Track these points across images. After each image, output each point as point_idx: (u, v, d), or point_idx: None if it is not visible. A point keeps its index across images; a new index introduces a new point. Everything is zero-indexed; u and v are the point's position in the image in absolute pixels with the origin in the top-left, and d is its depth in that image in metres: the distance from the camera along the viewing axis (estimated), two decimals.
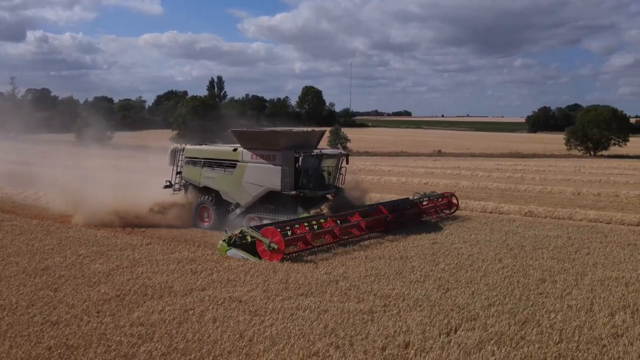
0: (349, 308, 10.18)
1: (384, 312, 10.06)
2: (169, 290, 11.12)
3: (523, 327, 9.36)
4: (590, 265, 13.69)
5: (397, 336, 8.85)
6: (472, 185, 32.68)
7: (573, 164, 50.90)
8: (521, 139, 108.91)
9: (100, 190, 20.24)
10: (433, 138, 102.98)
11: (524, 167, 47.53)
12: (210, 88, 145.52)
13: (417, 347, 8.44)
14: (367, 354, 8.21)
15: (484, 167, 46.31)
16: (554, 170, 44.60)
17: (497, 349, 8.40)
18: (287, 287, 11.49)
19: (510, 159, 61.27)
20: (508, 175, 39.23)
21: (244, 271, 12.64)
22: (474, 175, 39.20)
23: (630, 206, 25.65)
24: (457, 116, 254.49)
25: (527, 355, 8.21)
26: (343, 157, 18.92)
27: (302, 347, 8.35)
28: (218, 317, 9.59)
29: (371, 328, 9.21)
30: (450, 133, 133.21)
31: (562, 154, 70.49)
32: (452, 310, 10.15)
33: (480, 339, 8.78)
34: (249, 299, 10.68)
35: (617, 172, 42.90)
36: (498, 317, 9.80)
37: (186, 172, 19.87)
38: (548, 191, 30.70)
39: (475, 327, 9.29)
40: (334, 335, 8.89)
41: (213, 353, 8.11)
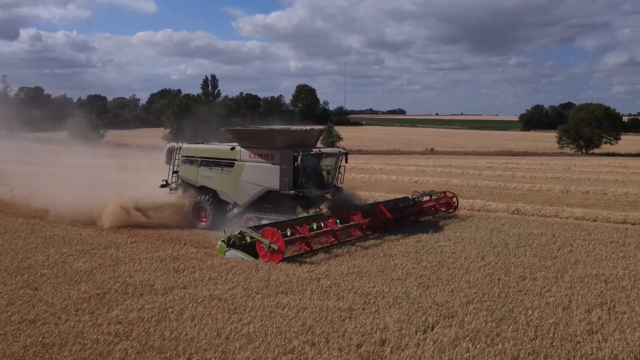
0: (328, 306, 10.22)
1: (362, 309, 10.10)
2: (150, 289, 11.14)
3: (500, 324, 9.42)
4: (572, 262, 13.78)
5: (374, 333, 8.89)
6: (461, 184, 32.78)
7: (564, 162, 51.10)
8: (514, 137, 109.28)
9: (71, 189, 20.39)
10: (426, 136, 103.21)
11: (515, 165, 47.72)
12: (204, 86, 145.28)
13: (393, 344, 8.49)
14: (342, 351, 8.25)
15: (475, 165, 46.48)
16: (545, 168, 44.77)
17: (472, 346, 8.45)
18: (268, 285, 11.52)
19: (502, 157, 61.48)
20: (499, 174, 39.40)
21: (226, 269, 12.66)
22: (465, 174, 39.32)
23: (617, 204, 25.81)
24: (451, 114, 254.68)
25: (501, 352, 8.27)
26: (342, 155, 18.64)
27: (278, 345, 8.39)
28: (197, 315, 9.62)
29: (348, 325, 9.25)
30: (444, 131, 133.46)
31: (554, 152, 70.82)
32: (431, 307, 10.20)
33: (456, 335, 8.84)
34: (229, 297, 10.71)
35: (607, 170, 43.13)
36: (476, 314, 9.86)
37: (183, 171, 19.65)
38: (537, 189, 30.87)
39: (452, 324, 9.34)
40: (310, 332, 8.93)
41: (189, 351, 8.13)
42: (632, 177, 36.77)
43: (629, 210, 23.17)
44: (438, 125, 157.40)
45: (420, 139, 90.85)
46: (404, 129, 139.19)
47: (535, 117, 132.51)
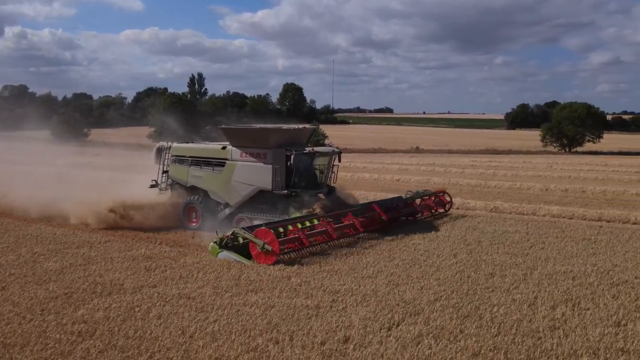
0: (296, 304, 10.26)
1: (330, 307, 10.15)
2: (119, 288, 11.11)
3: (464, 320, 9.51)
4: (542, 259, 13.93)
5: (338, 331, 8.95)
6: (443, 182, 32.88)
7: (546, 161, 51.47)
8: (499, 135, 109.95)
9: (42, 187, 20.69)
10: (412, 135, 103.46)
11: (498, 163, 48.05)
12: (191, 85, 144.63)
13: (357, 342, 8.55)
14: (305, 348, 8.29)
15: (458, 163, 46.70)
16: (527, 166, 45.06)
17: (435, 343, 8.53)
18: (238, 283, 11.54)
19: (486, 155, 61.81)
20: (481, 172, 39.64)
21: (197, 268, 12.66)
22: (448, 172, 39.49)
23: (595, 202, 26.09)
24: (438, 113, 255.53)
25: (463, 348, 8.35)
26: (335, 154, 18.34)
27: (241, 343, 8.42)
28: (163, 314, 9.62)
29: (314, 323, 9.29)
30: (430, 130, 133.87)
31: (538, 151, 71.31)
32: (398, 305, 10.27)
33: (419, 332, 8.91)
34: (197, 295, 10.71)
35: (588, 168, 43.48)
36: (442, 311, 9.95)
37: (173, 171, 19.35)
38: (517, 187, 31.09)
39: (418, 322, 9.41)
40: (276, 330, 8.97)
41: (151, 350, 8.14)
42: (612, 175, 37.13)
43: (605, 208, 23.43)
44: (424, 124, 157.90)
45: (406, 138, 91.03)
46: (390, 127, 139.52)
47: (521, 115, 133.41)
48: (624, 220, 20.86)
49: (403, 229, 17.36)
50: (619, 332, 9.05)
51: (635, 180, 34.95)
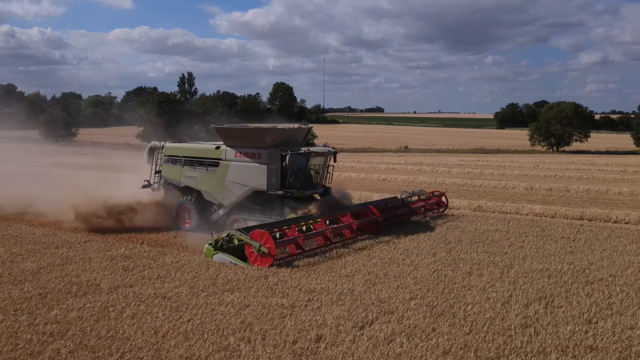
0: (271, 303, 10.28)
1: (305, 306, 10.18)
2: (95, 288, 11.08)
3: (437, 319, 9.57)
4: (520, 258, 14.03)
5: (311, 330, 8.98)
6: (429, 181, 33.04)
7: (534, 160, 51.79)
8: (488, 135, 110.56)
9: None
10: (402, 134, 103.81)
11: (486, 162, 48.33)
12: (181, 84, 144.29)
13: (328, 341, 8.59)
14: (276, 347, 8.32)
15: (446, 163, 46.90)
16: (514, 165, 45.35)
17: (407, 341, 8.58)
18: (215, 282, 11.54)
19: (474, 154, 62.18)
20: (468, 171, 39.81)
21: (176, 268, 12.66)
22: (435, 171, 39.64)
23: (578, 200, 26.29)
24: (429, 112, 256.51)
25: (434, 346, 8.41)
26: (331, 155, 18.09)
27: (213, 342, 8.42)
28: (137, 314, 9.60)
29: (288, 322, 9.32)
30: (420, 129, 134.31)
31: (526, 150, 71.81)
32: (373, 304, 10.31)
33: (392, 331, 8.96)
34: (173, 295, 10.71)
35: (574, 167, 43.82)
36: (416, 310, 10.00)
37: (166, 171, 19.09)
38: (502, 186, 31.26)
39: (391, 320, 9.46)
40: (249, 329, 8.98)
41: (122, 350, 8.12)
42: (597, 175, 37.38)
43: (588, 207, 23.64)
44: (414, 124, 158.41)
45: (396, 137, 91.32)
46: (380, 127, 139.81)
47: (510, 115, 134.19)
48: (605, 219, 21.04)
49: (388, 229, 17.38)
50: (589, 330, 9.13)
51: (619, 179, 35.23)
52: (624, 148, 75.84)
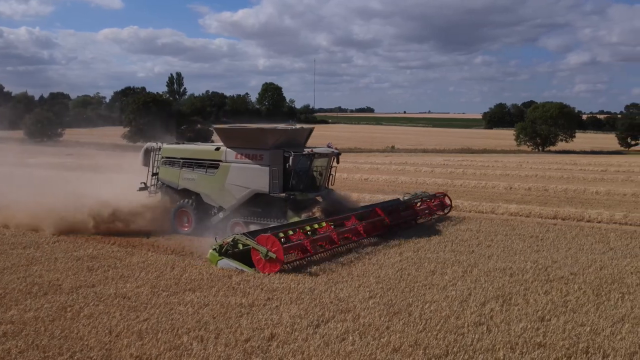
0: (231, 302, 10.34)
1: (264, 305, 10.24)
2: (56, 288, 11.09)
3: (392, 317, 9.65)
4: (486, 257, 14.15)
5: (266, 329, 9.04)
6: (409, 181, 33.20)
7: (518, 160, 52.13)
8: (476, 135, 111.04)
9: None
10: (390, 134, 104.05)
11: (470, 162, 48.52)
12: (170, 84, 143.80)
13: (281, 339, 8.65)
14: (228, 346, 8.37)
15: (431, 162, 47.08)
16: (497, 165, 45.59)
17: (359, 339, 8.66)
18: (178, 282, 11.59)
19: (460, 154, 62.44)
20: (450, 171, 40.01)
21: (140, 268, 12.70)
22: (418, 171, 39.79)
23: (555, 200, 26.52)
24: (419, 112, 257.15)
25: (385, 344, 8.48)
26: (334, 156, 17.60)
27: (166, 341, 8.47)
28: (94, 314, 9.63)
29: (244, 321, 9.38)
30: (408, 129, 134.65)
31: (512, 150, 72.17)
32: (332, 302, 10.39)
33: (346, 330, 9.04)
34: (134, 295, 10.74)
35: (556, 167, 44.12)
36: (373, 308, 10.08)
37: (163, 173, 18.47)
38: (482, 186, 31.45)
39: (347, 319, 9.53)
40: (204, 328, 9.03)
41: (73, 349, 8.15)
42: (577, 174, 37.68)
43: (563, 206, 23.84)
44: (403, 124, 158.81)
45: (383, 137, 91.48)
46: (369, 127, 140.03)
47: (498, 115, 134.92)
48: (578, 218, 21.25)
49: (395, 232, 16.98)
50: (540, 327, 9.26)
51: (599, 179, 35.54)
52: (609, 148, 76.45)
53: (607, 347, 8.46)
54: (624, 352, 8.29)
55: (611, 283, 11.90)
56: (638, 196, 27.56)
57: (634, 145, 75.49)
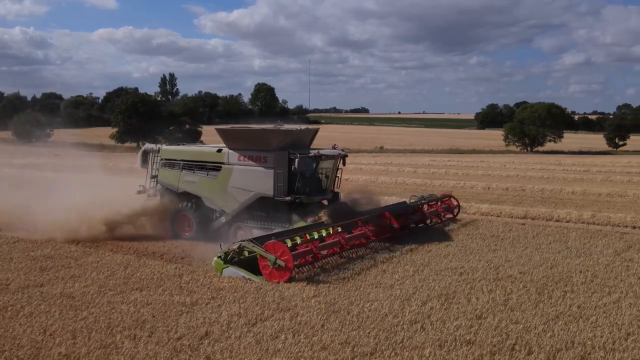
0: (174, 301, 10.42)
1: (206, 304, 10.32)
2: (3, 288, 11.15)
3: (330, 316, 9.73)
4: (441, 256, 14.20)
5: (202, 327, 9.12)
6: (389, 181, 33.34)
7: (504, 160, 52.25)
8: (468, 135, 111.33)
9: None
10: (381, 135, 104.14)
11: (456, 162, 48.61)
12: (162, 85, 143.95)
13: (214, 337, 8.73)
14: (158, 344, 8.44)
15: (416, 163, 47.19)
16: (482, 166, 45.69)
17: (291, 337, 8.74)
18: (127, 282, 11.66)
19: (448, 155, 62.57)
20: (433, 171, 40.14)
21: (94, 267, 12.77)
22: (400, 172, 39.87)
23: (529, 200, 26.65)
24: (414, 113, 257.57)
25: (316, 342, 8.55)
26: (341, 158, 17.17)
27: (98, 340, 8.54)
28: (34, 313, 9.69)
29: (182, 319, 9.46)
30: (401, 130, 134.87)
31: (501, 150, 72.35)
32: (274, 301, 10.47)
33: (281, 328, 9.12)
34: (80, 294, 10.80)
35: (540, 167, 44.25)
36: (313, 307, 10.15)
37: (162, 176, 17.92)
38: (461, 186, 31.56)
39: (285, 318, 9.61)
40: (139, 327, 9.10)
41: (2, 348, 8.22)
42: (558, 174, 37.80)
43: (536, 206, 23.98)
44: (396, 124, 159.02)
45: (374, 138, 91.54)
46: (361, 127, 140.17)
47: (490, 115, 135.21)
48: (547, 218, 21.37)
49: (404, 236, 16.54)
50: (474, 325, 9.34)
51: (578, 179, 35.70)
52: (597, 148, 76.66)
53: (534, 344, 8.57)
54: (550, 349, 8.38)
55: (557, 281, 12.00)
56: (612, 196, 27.75)
57: (621, 146, 75.70)
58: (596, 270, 13.00)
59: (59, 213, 16.40)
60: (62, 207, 16.67)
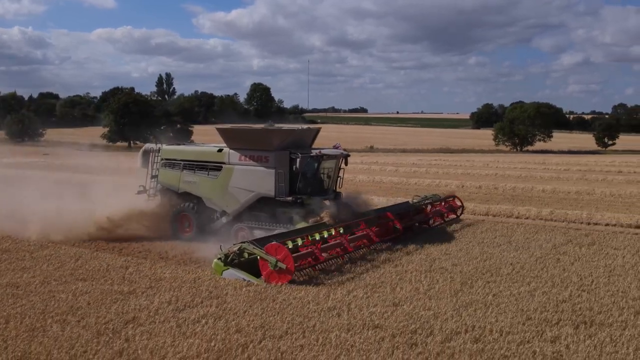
0: (112, 290, 11.00)
1: (142, 293, 10.88)
2: None
3: (255, 303, 10.27)
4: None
5: (131, 313, 9.69)
6: (366, 180, 33.89)
7: (491, 159, 52.67)
8: (461, 135, 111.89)
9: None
10: (376, 134, 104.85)
11: (442, 162, 49.16)
12: (159, 84, 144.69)
13: (139, 322, 9.27)
14: (84, 328, 8.97)
15: (401, 162, 47.66)
16: (466, 165, 46.09)
17: (212, 322, 9.27)
18: (73, 273, 12.24)
19: (437, 154, 63.13)
20: (414, 170, 40.68)
21: (47, 260, 13.36)
22: (382, 170, 40.38)
23: (498, 197, 27.18)
24: (412, 113, 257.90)
25: (234, 326, 9.09)
26: (343, 157, 17.09)
27: (28, 324, 9.10)
28: None
29: (115, 307, 10.01)
30: (396, 129, 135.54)
31: (491, 150, 72.94)
32: (207, 290, 11.03)
33: (205, 313, 9.65)
34: (26, 284, 11.38)
35: (521, 166, 44.64)
36: (242, 295, 10.69)
37: (163, 176, 17.88)
38: (435, 184, 32.03)
39: (212, 305, 10.12)
40: (72, 313, 9.67)
41: None
42: (537, 173, 38.20)
43: (502, 203, 24.48)
44: (393, 124, 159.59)
45: (368, 137, 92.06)
46: (356, 127, 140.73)
47: (485, 115, 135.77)
48: (507, 215, 21.93)
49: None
50: (388, 311, 9.88)
51: (554, 177, 36.20)
52: (587, 148, 77.22)
53: (436, 328, 9.10)
54: (449, 332, 8.92)
55: (484, 273, 12.54)
56: (580, 194, 28.29)
57: (610, 145, 76.20)
58: (526, 262, 13.56)
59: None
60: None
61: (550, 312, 9.95)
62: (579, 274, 12.55)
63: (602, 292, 11.23)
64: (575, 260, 13.95)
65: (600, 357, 8.13)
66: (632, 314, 9.98)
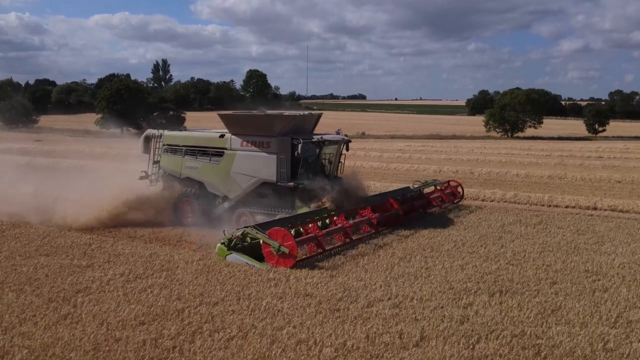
0: (72, 264, 11.76)
1: (99, 267, 11.63)
2: None
3: (201, 275, 11.03)
4: None
5: (83, 284, 10.45)
6: (347, 165, 34.17)
7: (477, 145, 53.28)
8: (455, 121, 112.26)
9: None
10: (371, 121, 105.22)
11: (429, 147, 49.74)
12: (155, 71, 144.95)
13: (90, 292, 10.03)
14: (37, 296, 9.71)
15: (387, 148, 48.29)
16: (452, 151, 46.66)
17: (157, 291, 10.03)
18: (38, 249, 12.99)
19: (426, 140, 63.61)
20: (397, 156, 41.33)
21: (15, 238, 14.09)
22: (366, 156, 41.05)
23: (471, 182, 27.93)
24: (411, 99, 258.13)
25: (174, 294, 9.87)
26: (344, 143, 17.32)
27: None
28: None
29: (70, 279, 10.73)
30: (392, 116, 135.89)
31: (481, 136, 73.44)
32: (160, 263, 11.82)
33: (153, 284, 10.43)
34: None
35: (505, 152, 45.33)
36: (192, 268, 11.47)
37: (165, 162, 18.14)
38: (414, 169, 32.84)
39: (161, 276, 10.91)
40: (29, 284, 10.43)
41: None
42: (516, 159, 38.88)
43: (472, 187, 25.23)
44: (390, 110, 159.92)
45: (362, 124, 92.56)
46: (354, 113, 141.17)
47: (480, 102, 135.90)
48: (474, 198, 22.73)
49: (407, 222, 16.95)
50: (322, 282, 10.61)
51: (533, 162, 36.91)
52: (578, 134, 77.73)
53: (362, 296, 9.85)
54: (373, 299, 9.68)
55: (425, 249, 13.28)
56: (552, 178, 29.07)
57: (601, 132, 76.72)
58: (468, 239, 14.31)
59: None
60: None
61: (472, 283, 10.72)
62: (513, 250, 13.31)
63: (528, 266, 12.01)
64: (516, 237, 14.71)
65: (503, 320, 8.89)
66: (548, 285, 10.75)
